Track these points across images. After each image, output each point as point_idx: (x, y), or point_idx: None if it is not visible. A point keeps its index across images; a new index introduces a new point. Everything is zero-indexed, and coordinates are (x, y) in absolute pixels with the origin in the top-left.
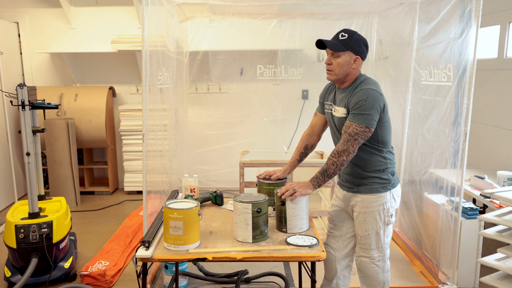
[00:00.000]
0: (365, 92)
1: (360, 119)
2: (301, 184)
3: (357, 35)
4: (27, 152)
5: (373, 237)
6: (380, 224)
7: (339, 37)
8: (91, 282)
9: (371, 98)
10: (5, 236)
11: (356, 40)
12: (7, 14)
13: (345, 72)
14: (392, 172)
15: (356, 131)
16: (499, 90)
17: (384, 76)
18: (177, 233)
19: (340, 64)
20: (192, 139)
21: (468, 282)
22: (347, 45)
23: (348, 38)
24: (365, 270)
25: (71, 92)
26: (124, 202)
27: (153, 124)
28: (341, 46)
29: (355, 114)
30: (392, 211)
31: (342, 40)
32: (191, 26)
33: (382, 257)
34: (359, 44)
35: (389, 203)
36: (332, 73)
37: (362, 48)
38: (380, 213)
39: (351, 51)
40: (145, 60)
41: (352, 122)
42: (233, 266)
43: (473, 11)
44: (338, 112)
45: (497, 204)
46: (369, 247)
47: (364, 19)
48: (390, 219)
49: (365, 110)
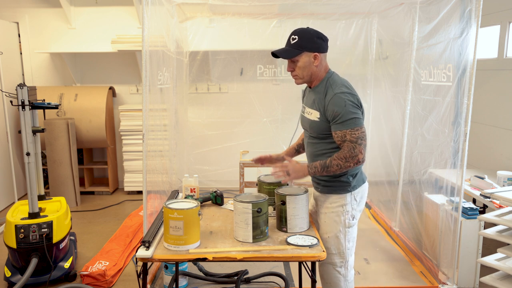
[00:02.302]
0: (340, 98)
1: (350, 124)
2: (296, 168)
3: (307, 33)
4: (27, 152)
5: (333, 240)
6: (340, 227)
7: (291, 42)
8: (91, 282)
9: (348, 101)
10: (5, 236)
11: (307, 38)
12: (7, 14)
13: (309, 73)
14: (353, 174)
15: (355, 135)
16: (499, 90)
17: (384, 76)
18: (177, 233)
19: (301, 67)
20: (192, 139)
21: (468, 282)
22: (300, 46)
23: (299, 39)
24: (327, 277)
25: (71, 92)
26: (124, 202)
27: (153, 124)
28: (294, 51)
29: (342, 122)
30: (355, 213)
31: (294, 44)
32: (191, 26)
33: (344, 264)
34: (311, 40)
35: (349, 205)
36: (297, 78)
37: (317, 42)
38: (339, 215)
39: (307, 51)
40: (145, 60)
41: (344, 129)
42: (233, 266)
43: (473, 11)
44: (311, 115)
45: (497, 204)
46: (330, 251)
47: (364, 19)
48: (351, 222)
49: (348, 114)
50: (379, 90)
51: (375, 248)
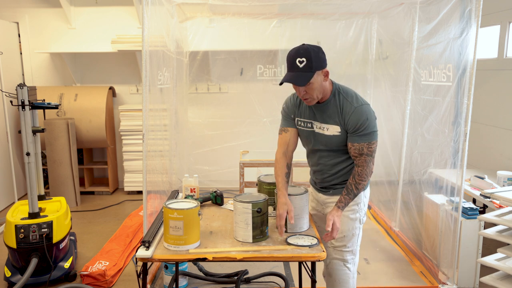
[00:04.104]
0: (362, 111)
1: (369, 137)
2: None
3: (313, 51)
4: (27, 152)
5: (349, 238)
6: (356, 224)
7: (299, 66)
8: (91, 282)
9: (370, 114)
10: (5, 236)
11: (315, 57)
12: (7, 14)
13: (321, 91)
14: None
15: (371, 149)
16: (499, 90)
17: (384, 76)
18: (177, 233)
19: (315, 88)
20: (192, 139)
21: (468, 282)
22: (311, 68)
23: (308, 61)
24: (337, 274)
25: (71, 92)
26: (124, 202)
27: (153, 124)
28: (307, 74)
29: (363, 135)
30: (365, 210)
31: (304, 67)
32: (191, 26)
33: (353, 260)
34: (318, 58)
35: (362, 203)
36: (311, 99)
37: (322, 57)
38: (355, 213)
39: (317, 70)
40: (145, 60)
41: (362, 142)
42: (233, 266)
43: (473, 11)
44: (329, 130)
45: (497, 204)
46: (344, 248)
47: (364, 19)
48: (364, 218)
49: (370, 128)
50: (379, 90)
51: (375, 248)
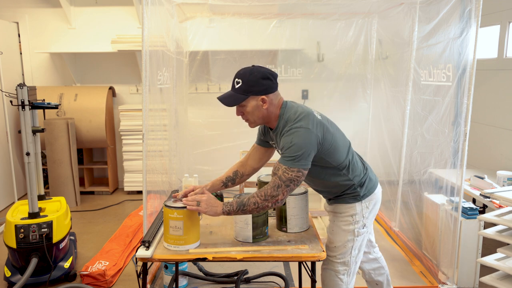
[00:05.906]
0: (294, 133)
1: (289, 161)
2: (210, 203)
3: (250, 75)
4: (27, 152)
5: (340, 250)
6: (348, 237)
7: (235, 86)
8: (91, 282)
9: (299, 138)
10: (5, 236)
11: (251, 82)
12: (7, 14)
13: (260, 116)
14: (361, 184)
15: (287, 175)
16: (499, 90)
17: (384, 76)
18: (177, 233)
19: (250, 112)
20: (192, 139)
21: (468, 282)
22: (245, 91)
23: (243, 83)
24: (328, 282)
25: (71, 92)
26: (124, 202)
27: (153, 124)
28: (238, 96)
29: (284, 156)
30: (366, 221)
31: (238, 88)
32: (191, 26)
33: (347, 271)
34: (256, 83)
35: (360, 214)
36: (250, 122)
37: (262, 84)
38: (348, 224)
39: (252, 95)
40: (145, 60)
41: (282, 164)
42: (233, 266)
43: (473, 11)
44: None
45: (497, 204)
46: (335, 259)
47: (364, 19)
48: (361, 230)
49: (293, 151)
50: (379, 90)
51: None
